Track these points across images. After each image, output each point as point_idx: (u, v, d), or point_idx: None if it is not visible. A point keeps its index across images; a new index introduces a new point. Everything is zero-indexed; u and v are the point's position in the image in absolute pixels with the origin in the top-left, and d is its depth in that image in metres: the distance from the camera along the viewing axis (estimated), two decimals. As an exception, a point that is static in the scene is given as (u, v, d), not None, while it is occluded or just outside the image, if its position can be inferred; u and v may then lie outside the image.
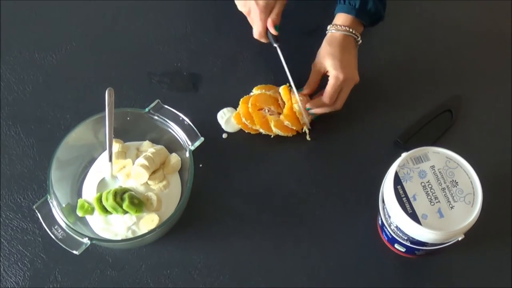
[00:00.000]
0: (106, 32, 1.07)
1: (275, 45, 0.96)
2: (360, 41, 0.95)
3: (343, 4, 0.95)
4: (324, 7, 1.10)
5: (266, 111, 0.94)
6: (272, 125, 0.92)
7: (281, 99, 0.96)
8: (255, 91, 0.97)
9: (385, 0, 0.97)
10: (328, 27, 0.96)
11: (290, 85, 0.95)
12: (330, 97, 0.92)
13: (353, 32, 0.94)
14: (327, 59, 0.93)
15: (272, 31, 0.95)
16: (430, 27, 1.09)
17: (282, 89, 0.96)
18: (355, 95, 0.97)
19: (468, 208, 0.72)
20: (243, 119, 0.93)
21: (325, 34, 0.99)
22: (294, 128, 0.93)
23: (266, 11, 0.95)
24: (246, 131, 0.94)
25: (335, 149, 0.94)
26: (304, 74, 0.98)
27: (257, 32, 0.97)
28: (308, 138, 0.94)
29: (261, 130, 0.93)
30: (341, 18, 0.95)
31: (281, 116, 0.93)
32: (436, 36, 1.08)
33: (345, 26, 0.94)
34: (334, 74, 0.92)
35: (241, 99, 0.95)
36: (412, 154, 0.76)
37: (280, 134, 0.93)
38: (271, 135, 0.94)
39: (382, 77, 1.00)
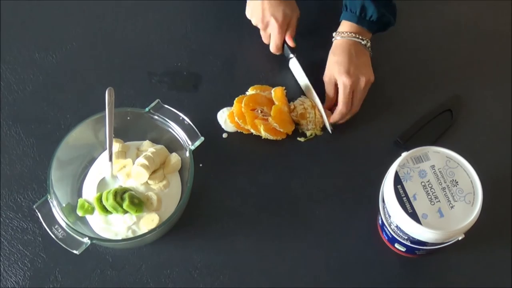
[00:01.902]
0: (106, 32, 1.07)
1: (291, 56, 0.99)
2: (369, 44, 0.96)
3: (346, 11, 0.95)
4: (324, 7, 1.11)
5: (259, 111, 0.94)
6: (261, 129, 0.92)
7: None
8: (251, 91, 0.97)
9: (393, 6, 0.97)
10: (333, 34, 0.97)
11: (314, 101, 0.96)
12: (344, 104, 0.93)
13: (358, 37, 0.94)
14: (333, 68, 0.94)
15: (291, 43, 0.98)
16: (430, 27, 1.09)
17: (274, 91, 0.95)
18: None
19: (468, 207, 0.72)
20: (236, 118, 0.93)
21: (325, 35, 0.99)
22: (283, 131, 0.93)
23: (284, 26, 0.98)
24: (239, 131, 0.94)
25: (335, 149, 0.94)
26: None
27: (275, 47, 0.99)
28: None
29: (252, 131, 0.93)
30: (344, 25, 0.96)
31: (270, 119, 0.93)
32: (436, 36, 1.08)
33: (348, 32, 0.94)
34: (341, 81, 0.92)
35: (236, 98, 0.95)
36: (412, 154, 0.76)
37: (270, 138, 0.93)
38: (261, 136, 0.94)
39: (382, 77, 1.00)
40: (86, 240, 0.75)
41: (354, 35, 0.94)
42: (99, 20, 1.09)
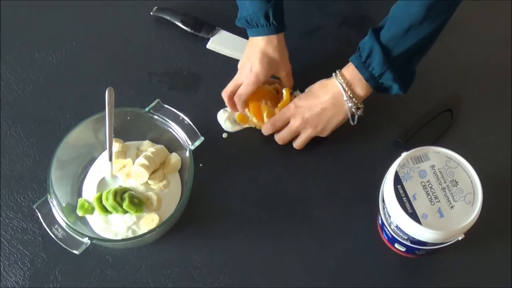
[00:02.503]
0: (106, 32, 1.07)
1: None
2: (357, 110, 0.87)
3: (356, 52, 0.86)
4: (324, 7, 1.11)
5: (264, 103, 0.94)
6: (264, 115, 0.92)
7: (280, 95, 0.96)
8: None
9: (411, 72, 0.87)
10: (337, 71, 0.89)
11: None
12: (271, 122, 0.91)
13: (350, 95, 0.86)
14: (306, 98, 0.90)
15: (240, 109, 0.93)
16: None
17: (286, 90, 0.95)
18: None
19: (468, 207, 0.72)
20: (246, 110, 0.93)
21: (324, 34, 0.99)
22: None
23: (257, 81, 0.90)
24: (244, 126, 0.94)
25: (335, 149, 0.94)
26: (303, 74, 0.98)
27: (239, 103, 0.92)
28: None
29: (254, 120, 0.93)
30: (348, 69, 0.87)
31: (276, 110, 0.93)
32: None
33: (345, 81, 0.86)
34: (293, 121, 0.89)
35: None
36: (412, 154, 0.76)
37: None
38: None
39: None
40: (86, 240, 0.75)
41: (347, 90, 0.85)
42: (99, 20, 1.09)
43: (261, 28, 0.90)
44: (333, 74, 0.88)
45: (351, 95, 0.86)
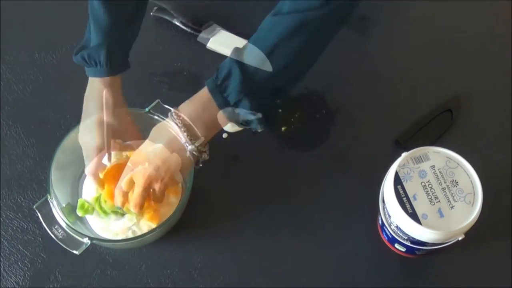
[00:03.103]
0: (106, 32, 1.07)
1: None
2: (192, 148, 0.72)
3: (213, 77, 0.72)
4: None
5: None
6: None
7: None
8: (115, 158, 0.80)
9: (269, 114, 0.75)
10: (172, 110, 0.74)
11: None
12: (117, 191, 0.74)
13: (183, 130, 0.71)
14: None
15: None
16: (430, 27, 1.09)
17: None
18: (355, 95, 0.97)
19: (468, 208, 0.72)
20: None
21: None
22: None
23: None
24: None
25: (335, 149, 0.94)
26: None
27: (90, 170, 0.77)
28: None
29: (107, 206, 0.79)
30: (192, 99, 0.75)
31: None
32: (436, 36, 1.08)
33: (180, 116, 0.72)
34: (130, 158, 0.74)
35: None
36: (412, 154, 0.76)
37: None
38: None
39: (382, 77, 1.00)
40: (86, 240, 0.75)
41: (184, 130, 0.70)
42: (99, 20, 1.09)
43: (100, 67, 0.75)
44: (169, 113, 0.74)
45: (189, 137, 0.71)
